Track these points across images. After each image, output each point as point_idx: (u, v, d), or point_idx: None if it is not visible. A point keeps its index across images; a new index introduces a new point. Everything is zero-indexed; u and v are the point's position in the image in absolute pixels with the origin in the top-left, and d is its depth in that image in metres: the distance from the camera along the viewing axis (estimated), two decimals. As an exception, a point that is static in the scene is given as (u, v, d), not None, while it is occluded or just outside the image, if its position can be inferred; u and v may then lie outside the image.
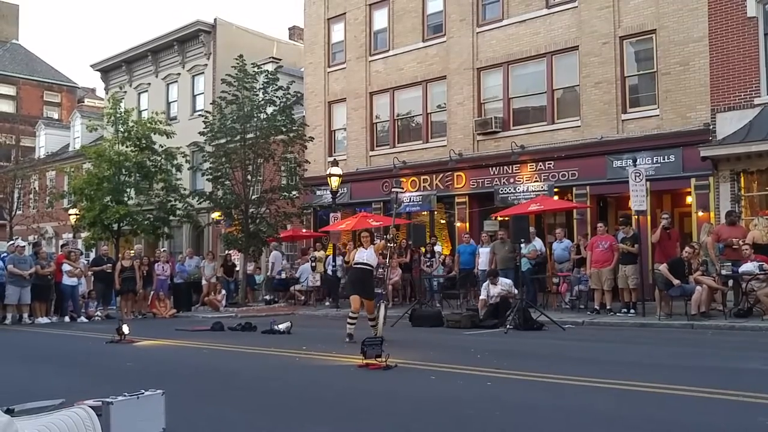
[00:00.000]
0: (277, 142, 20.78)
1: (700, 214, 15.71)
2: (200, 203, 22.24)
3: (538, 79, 18.90)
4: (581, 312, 14.67)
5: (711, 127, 15.62)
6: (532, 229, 15.71)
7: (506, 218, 16.70)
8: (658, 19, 16.59)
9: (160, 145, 23.85)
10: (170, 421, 4.85)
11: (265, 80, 20.88)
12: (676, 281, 12.58)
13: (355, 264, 10.99)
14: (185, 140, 25.55)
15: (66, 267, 17.33)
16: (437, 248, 18.67)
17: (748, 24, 15.24)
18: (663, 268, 12.88)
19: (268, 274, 21.99)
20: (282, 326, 12.47)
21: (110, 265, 18.31)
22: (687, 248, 13.24)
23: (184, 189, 23.54)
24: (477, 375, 7.22)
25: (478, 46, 20.02)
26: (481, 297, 13.68)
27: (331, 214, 20.18)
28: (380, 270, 19.10)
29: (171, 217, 24.03)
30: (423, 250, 17.69)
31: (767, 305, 12.01)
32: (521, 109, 19.42)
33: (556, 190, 18.20)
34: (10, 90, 43.43)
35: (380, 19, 22.67)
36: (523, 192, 18.56)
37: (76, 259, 18.11)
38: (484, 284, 13.85)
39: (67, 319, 17.20)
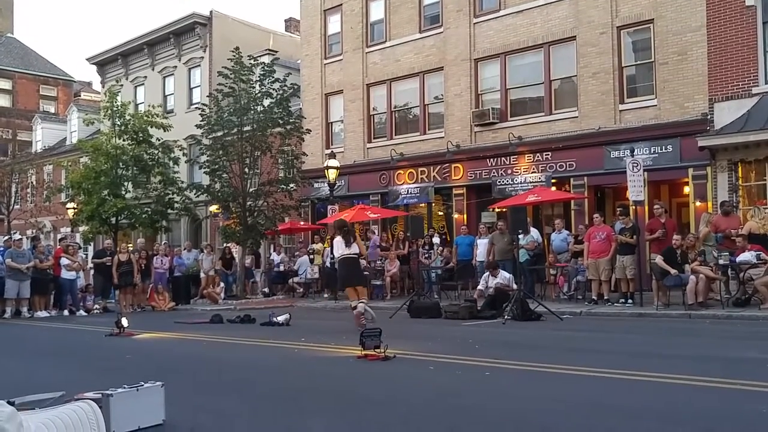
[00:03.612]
0: (274, 134, 20.74)
1: (698, 204, 15.73)
2: (198, 196, 22.23)
3: (535, 69, 18.87)
4: (579, 302, 14.70)
5: (709, 116, 15.61)
6: (528, 220, 15.72)
7: (504, 209, 16.72)
8: (656, 9, 16.56)
9: (157, 139, 23.83)
10: (170, 412, 4.87)
11: (262, 72, 20.81)
12: (673, 271, 12.60)
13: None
14: (182, 133, 25.52)
15: (64, 261, 17.33)
16: (436, 240, 18.68)
17: (747, 13, 15.21)
18: (659, 259, 12.91)
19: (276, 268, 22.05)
20: (281, 318, 12.49)
21: (110, 258, 18.32)
22: (675, 236, 13.21)
23: (182, 182, 23.52)
24: (475, 365, 7.24)
25: (475, 36, 19.98)
26: (479, 287, 13.68)
27: (329, 207, 20.17)
28: (378, 262, 19.21)
29: (169, 211, 24.03)
30: (421, 241, 17.68)
31: (765, 295, 12.04)
32: (519, 100, 19.41)
33: (553, 181, 18.21)
34: (6, 84, 43.31)
35: (377, 10, 22.60)
36: (521, 183, 18.56)
37: (74, 253, 18.11)
38: (484, 275, 13.84)
39: (66, 312, 17.21)
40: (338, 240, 11.68)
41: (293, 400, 5.82)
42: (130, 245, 22.08)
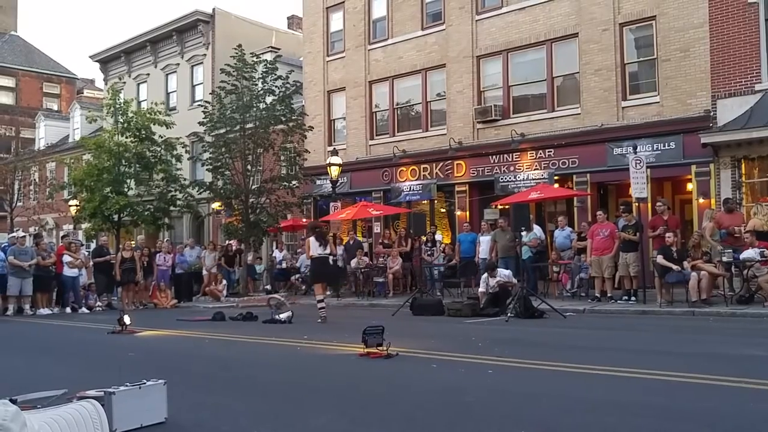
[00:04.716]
0: (276, 131, 20.75)
1: (701, 201, 15.68)
2: (200, 193, 22.25)
3: (537, 66, 18.83)
4: (582, 300, 14.68)
5: (711, 113, 15.57)
6: (530, 217, 15.68)
7: (507, 206, 16.69)
8: (658, 6, 16.51)
9: (160, 136, 23.84)
10: (172, 410, 4.87)
11: (264, 70, 20.82)
12: (676, 267, 12.58)
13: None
14: (185, 130, 25.52)
15: (66, 258, 17.34)
16: (438, 237, 18.65)
17: (749, 10, 15.17)
18: (660, 258, 12.88)
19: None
20: (283, 316, 12.49)
21: (113, 255, 18.33)
22: (667, 234, 13.18)
23: (184, 179, 23.55)
24: (478, 363, 7.23)
25: (477, 33, 19.94)
26: (480, 290, 13.65)
27: (331, 204, 20.18)
28: (380, 259, 19.21)
29: (171, 208, 24.06)
30: (423, 239, 17.67)
31: (768, 292, 12.01)
32: (521, 96, 19.37)
33: (556, 177, 18.18)
34: (9, 82, 43.32)
35: (379, 7, 22.58)
36: (524, 180, 18.53)
37: (77, 250, 18.12)
38: (483, 277, 13.80)
39: (68, 310, 17.23)
40: (312, 240, 12.63)
41: (295, 398, 5.82)
42: (133, 242, 22.11)
